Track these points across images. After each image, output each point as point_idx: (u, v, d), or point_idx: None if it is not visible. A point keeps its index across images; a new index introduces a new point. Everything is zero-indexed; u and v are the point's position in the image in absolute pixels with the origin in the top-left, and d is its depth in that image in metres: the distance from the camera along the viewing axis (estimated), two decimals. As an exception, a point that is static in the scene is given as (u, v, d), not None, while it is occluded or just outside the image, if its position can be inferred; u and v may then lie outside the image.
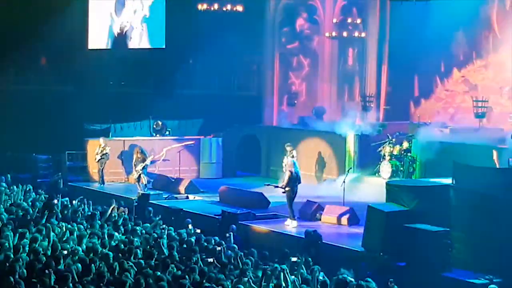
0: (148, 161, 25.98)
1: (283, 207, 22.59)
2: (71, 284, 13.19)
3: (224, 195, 24.81)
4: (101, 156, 27.83)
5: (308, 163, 27.66)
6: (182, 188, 26.26)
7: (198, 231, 18.50)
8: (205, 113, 32.09)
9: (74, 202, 21.33)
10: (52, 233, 16.35)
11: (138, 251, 15.61)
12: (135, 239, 16.77)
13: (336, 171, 27.50)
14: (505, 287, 15.01)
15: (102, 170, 28.00)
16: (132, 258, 15.18)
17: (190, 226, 19.00)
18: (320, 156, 28.08)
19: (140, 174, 25.81)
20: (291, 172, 20.95)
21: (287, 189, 20.90)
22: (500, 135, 23.30)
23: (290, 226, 20.93)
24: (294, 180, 20.90)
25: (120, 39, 35.47)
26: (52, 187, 25.97)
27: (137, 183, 25.97)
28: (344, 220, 21.22)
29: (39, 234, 16.44)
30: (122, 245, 16.21)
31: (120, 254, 15.41)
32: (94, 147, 28.44)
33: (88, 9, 34.40)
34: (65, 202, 21.05)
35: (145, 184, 25.81)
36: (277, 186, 21.75)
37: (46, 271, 13.54)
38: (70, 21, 32.81)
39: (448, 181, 17.93)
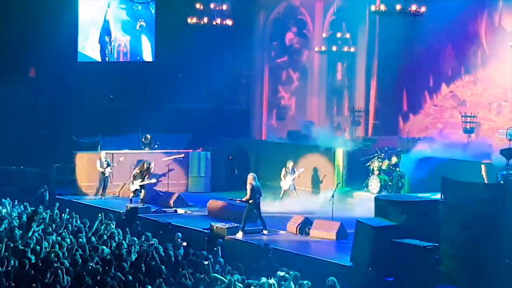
0: (153, 180, 26.01)
1: (271, 220, 22.62)
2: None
3: (212, 209, 24.75)
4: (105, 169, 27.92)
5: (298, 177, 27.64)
6: (170, 202, 26.17)
7: (184, 244, 18.49)
8: (194, 127, 32.07)
9: (63, 215, 21.24)
10: (39, 247, 16.28)
11: (126, 264, 15.57)
12: (123, 253, 16.71)
13: (325, 185, 27.49)
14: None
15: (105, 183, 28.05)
16: (120, 271, 15.12)
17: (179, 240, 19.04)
18: (309, 171, 28.05)
19: (141, 189, 25.76)
20: (252, 186, 21.51)
21: (250, 201, 21.49)
22: (488, 151, 23.35)
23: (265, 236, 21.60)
24: (256, 192, 21.54)
25: (110, 52, 35.50)
26: (38, 200, 25.89)
27: (131, 196, 25.81)
28: (333, 234, 21.20)
29: (27, 247, 16.36)
30: (110, 258, 16.15)
31: (107, 267, 15.36)
32: (83, 161, 28.47)
33: (78, 21, 34.48)
34: (54, 216, 20.98)
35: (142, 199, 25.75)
36: (242, 200, 22.06)
37: (34, 284, 13.49)
38: (60, 33, 32.82)
39: (436, 196, 17.96)
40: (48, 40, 31.85)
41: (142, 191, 25.79)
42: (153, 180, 26.41)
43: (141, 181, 25.74)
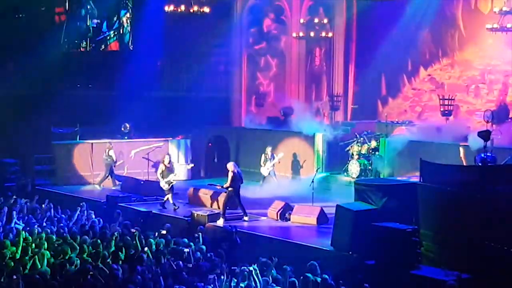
0: (191, 165, 24.61)
1: (252, 206, 22.67)
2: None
3: (192, 196, 24.72)
4: (107, 160, 27.74)
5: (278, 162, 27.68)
6: (151, 190, 26.09)
7: (164, 232, 18.49)
8: (173, 115, 32.00)
9: (43, 206, 21.22)
10: (19, 237, 16.25)
11: (107, 253, 15.59)
12: (104, 243, 16.73)
13: (305, 170, 27.56)
14: (473, 284, 15.12)
15: (108, 174, 27.76)
16: (101, 260, 15.14)
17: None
18: (288, 156, 28.09)
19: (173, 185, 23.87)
20: (234, 173, 21.59)
21: (230, 189, 21.60)
22: (466, 133, 23.47)
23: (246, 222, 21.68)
24: (237, 180, 21.64)
25: (88, 41, 35.45)
26: (20, 191, 25.82)
27: (170, 194, 23.79)
28: (313, 219, 21.27)
29: (7, 239, 16.35)
30: (91, 248, 16.16)
31: (89, 257, 15.37)
32: (62, 151, 28.51)
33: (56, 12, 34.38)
34: (33, 206, 20.95)
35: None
36: (222, 187, 22.09)
37: (14, 276, 13.47)
38: (36, 24, 32.67)
39: (415, 179, 18.05)
40: (25, 30, 31.68)
41: (169, 194, 23.75)
42: (190, 165, 25.45)
43: (174, 175, 23.86)
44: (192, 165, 25.56)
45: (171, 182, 23.65)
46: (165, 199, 23.79)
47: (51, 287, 13.44)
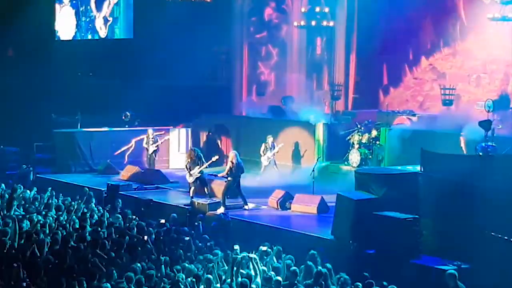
0: (206, 165, 23.00)
1: (252, 195, 22.65)
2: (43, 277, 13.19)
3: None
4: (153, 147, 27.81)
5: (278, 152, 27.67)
6: (152, 179, 26.13)
7: (163, 221, 18.47)
8: (174, 104, 32.00)
9: (44, 194, 21.21)
10: (20, 225, 16.26)
11: (106, 241, 15.60)
12: (104, 230, 16.74)
13: (306, 160, 27.56)
14: (473, 273, 15.14)
15: (152, 161, 27.75)
16: (100, 248, 15.14)
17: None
18: (289, 145, 28.09)
19: (198, 178, 22.86)
20: (233, 163, 21.62)
21: (229, 179, 21.63)
22: (467, 123, 23.44)
23: (248, 210, 21.86)
24: (236, 170, 21.62)
25: (88, 29, 35.41)
26: (22, 179, 25.81)
27: (195, 186, 22.89)
28: (314, 208, 21.28)
29: (8, 227, 16.35)
30: (92, 236, 16.17)
31: (89, 245, 15.38)
32: (63, 139, 28.51)
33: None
34: (35, 194, 20.95)
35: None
36: (223, 176, 22.01)
37: (15, 264, 13.48)
38: (38, 12, 32.64)
39: (416, 168, 18.05)
40: (25, 19, 31.67)
41: (193, 187, 22.89)
42: (216, 157, 24.75)
43: (199, 167, 22.73)
44: (217, 157, 24.98)
45: (196, 175, 22.78)
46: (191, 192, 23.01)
47: (52, 275, 13.44)
